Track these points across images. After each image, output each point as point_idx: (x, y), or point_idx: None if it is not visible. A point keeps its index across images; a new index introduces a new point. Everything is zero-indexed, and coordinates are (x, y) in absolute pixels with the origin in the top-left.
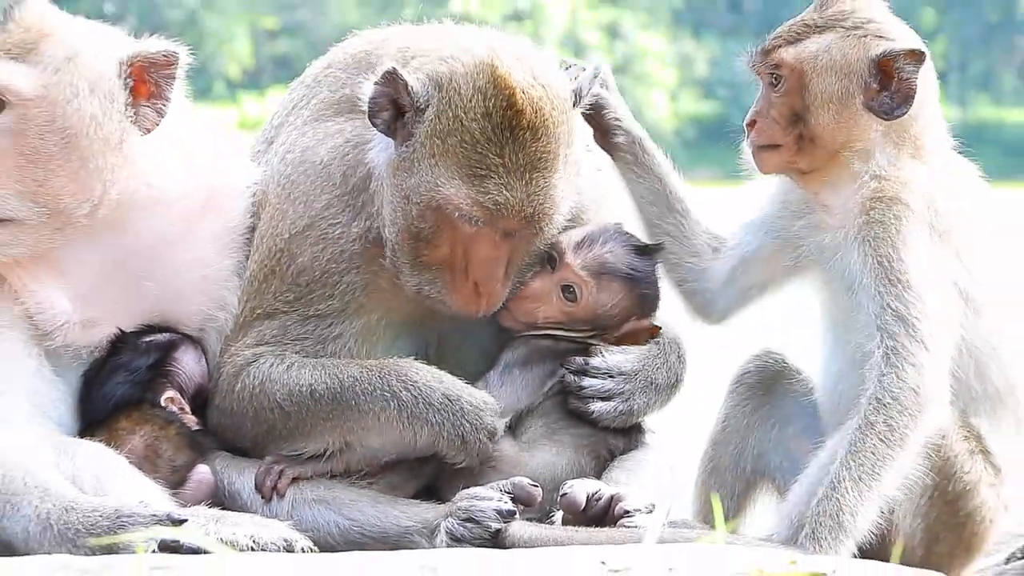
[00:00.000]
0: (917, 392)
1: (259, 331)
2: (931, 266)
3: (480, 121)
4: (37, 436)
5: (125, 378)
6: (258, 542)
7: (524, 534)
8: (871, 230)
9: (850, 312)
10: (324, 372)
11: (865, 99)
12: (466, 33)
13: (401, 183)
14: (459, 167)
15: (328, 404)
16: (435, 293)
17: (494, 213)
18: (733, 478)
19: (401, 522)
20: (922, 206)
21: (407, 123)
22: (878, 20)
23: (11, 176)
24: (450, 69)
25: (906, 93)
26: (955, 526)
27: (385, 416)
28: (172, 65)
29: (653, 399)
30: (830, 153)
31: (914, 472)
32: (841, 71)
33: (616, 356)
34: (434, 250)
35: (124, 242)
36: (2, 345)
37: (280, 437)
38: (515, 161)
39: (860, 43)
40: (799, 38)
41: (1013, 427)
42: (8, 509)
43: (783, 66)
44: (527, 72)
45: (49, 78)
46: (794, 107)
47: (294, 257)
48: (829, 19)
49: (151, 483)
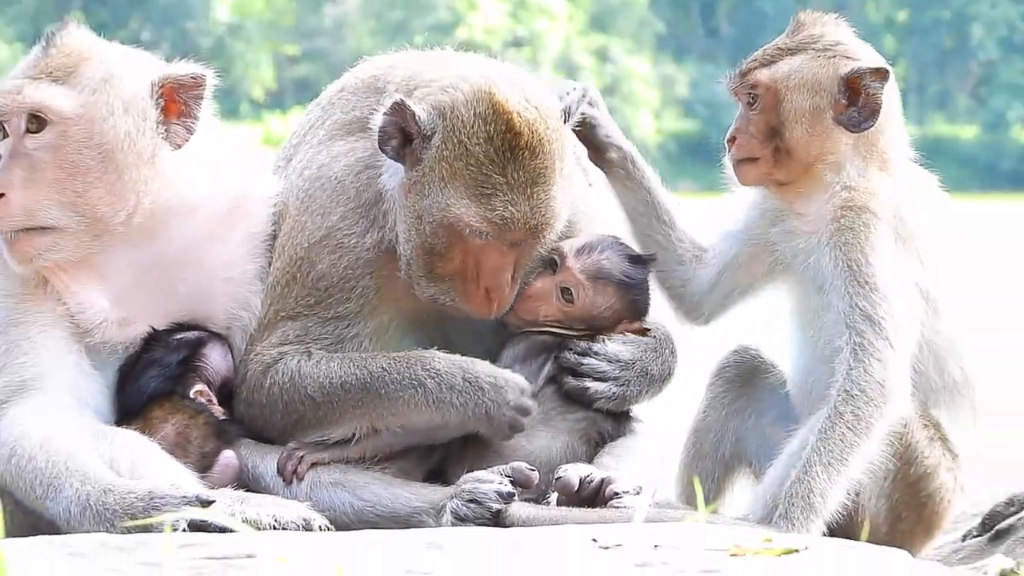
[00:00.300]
0: (882, 385)
1: (283, 332)
2: (896, 269)
3: (483, 144)
4: (78, 425)
5: (158, 372)
6: (279, 521)
7: (522, 514)
8: (842, 236)
9: (820, 311)
10: (352, 366)
11: (835, 113)
12: (463, 62)
13: (413, 204)
14: (467, 187)
15: (358, 395)
16: (450, 300)
17: (502, 227)
18: (713, 463)
19: (410, 503)
20: (888, 214)
21: (415, 149)
22: (845, 43)
23: (52, 188)
24: (452, 98)
25: (872, 108)
26: (916, 506)
27: (414, 403)
28: (200, 86)
29: (646, 388)
30: (805, 165)
31: (879, 457)
32: (812, 88)
33: (616, 345)
34: (447, 263)
35: (157, 247)
36: (46, 342)
37: (309, 426)
38: (517, 178)
39: (830, 63)
40: (773, 60)
41: (970, 417)
42: (52, 491)
43: (759, 86)
44: (521, 96)
45: (87, 98)
46: (770, 123)
47: (313, 264)
48: (800, 43)
49: (181, 468)
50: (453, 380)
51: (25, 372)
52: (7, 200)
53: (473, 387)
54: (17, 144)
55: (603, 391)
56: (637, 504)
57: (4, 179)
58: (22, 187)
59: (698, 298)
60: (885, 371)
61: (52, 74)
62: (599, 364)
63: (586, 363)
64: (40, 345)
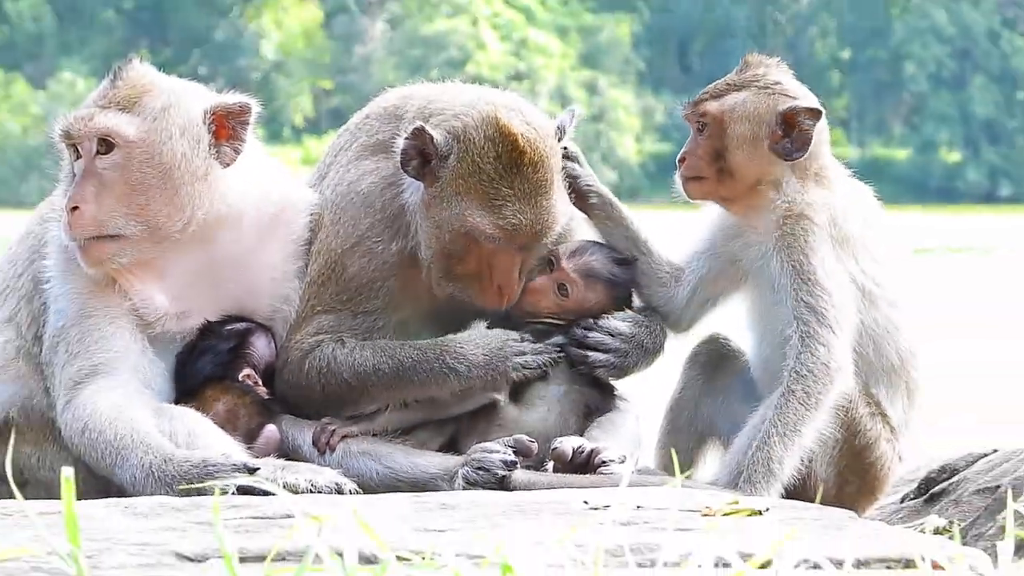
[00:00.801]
0: (827, 365)
1: (319, 323)
2: (833, 267)
3: (492, 162)
4: (142, 403)
5: (211, 358)
6: (315, 485)
7: (524, 479)
8: (785, 241)
9: (772, 307)
10: (384, 354)
11: (771, 143)
12: (469, 92)
13: (434, 216)
14: (480, 200)
15: (391, 379)
16: (465, 296)
17: (511, 233)
18: (687, 436)
19: (427, 470)
20: (824, 221)
21: (433, 168)
22: (784, 83)
23: (119, 201)
24: (463, 123)
25: (804, 141)
26: (860, 472)
27: (447, 386)
28: (246, 113)
29: (642, 359)
30: (747, 185)
31: (827, 429)
32: (753, 120)
33: (617, 321)
34: (464, 264)
35: (210, 251)
36: (114, 332)
37: (343, 404)
38: (523, 190)
39: (770, 99)
40: (722, 94)
41: (906, 394)
42: (119, 460)
43: (708, 115)
44: (521, 120)
45: (149, 125)
46: (716, 147)
47: (345, 268)
48: (746, 80)
49: (231, 440)
50: (475, 358)
51: (97, 358)
52: (81, 212)
53: (489, 358)
54: (89, 164)
55: (603, 360)
56: (622, 471)
57: (78, 194)
58: (93, 201)
59: (679, 312)
60: (829, 354)
61: (119, 103)
62: (603, 337)
63: (591, 336)
64: (109, 335)
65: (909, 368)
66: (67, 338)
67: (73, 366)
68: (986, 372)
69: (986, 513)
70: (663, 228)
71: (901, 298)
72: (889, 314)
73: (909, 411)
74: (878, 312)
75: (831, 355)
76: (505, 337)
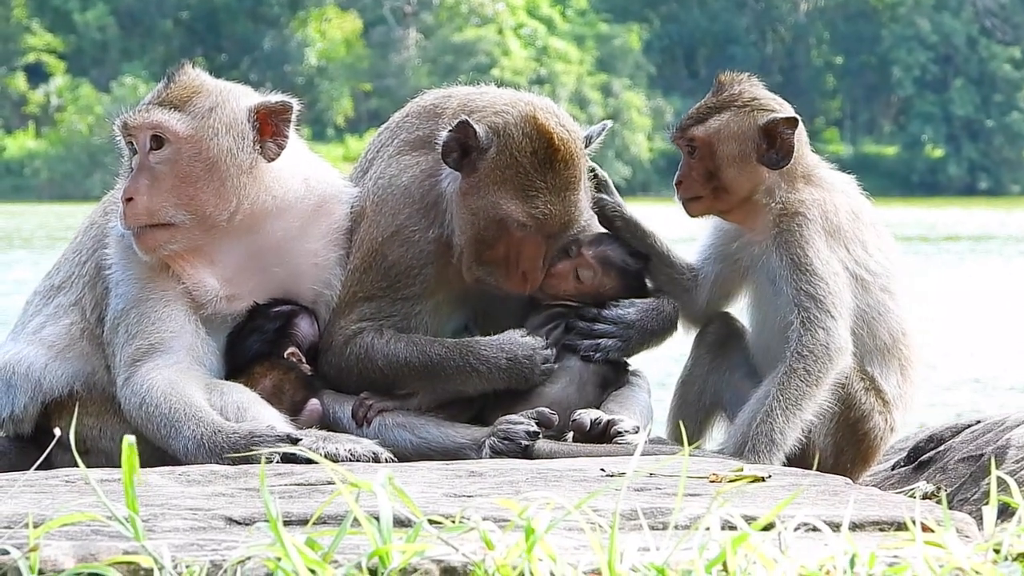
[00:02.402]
0: (827, 347)
1: (360, 310)
2: (828, 257)
3: (529, 157)
4: (194, 379)
5: (259, 338)
6: (353, 454)
7: (546, 448)
8: (782, 238)
9: (773, 297)
10: (416, 349)
11: (758, 156)
12: (508, 94)
13: (470, 204)
14: (515, 190)
15: (419, 372)
16: (492, 280)
17: (542, 222)
18: (696, 410)
19: (457, 440)
20: (817, 215)
21: (473, 160)
22: (760, 97)
23: (171, 193)
24: (503, 120)
25: (787, 149)
26: (855, 442)
27: (470, 383)
28: (288, 111)
29: (647, 341)
30: (741, 196)
31: (825, 404)
32: (738, 138)
33: (622, 310)
34: (494, 251)
35: (257, 239)
36: (169, 314)
37: (378, 388)
38: (555, 184)
39: (750, 116)
40: (705, 118)
41: (899, 370)
42: (173, 432)
43: (696, 140)
44: (556, 121)
45: (198, 123)
46: (708, 168)
47: (385, 256)
48: (724, 101)
49: (276, 413)
50: (498, 362)
51: (152, 338)
52: (135, 203)
53: (513, 363)
54: (143, 159)
55: (610, 346)
56: (636, 441)
57: (132, 186)
58: (146, 193)
59: (697, 312)
60: (829, 336)
61: (171, 103)
62: (607, 328)
63: (597, 327)
64: (164, 316)
65: (901, 347)
66: (126, 320)
67: (132, 345)
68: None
69: (971, 480)
70: (672, 221)
71: (894, 282)
72: (881, 298)
73: (903, 386)
74: (870, 297)
75: (830, 338)
76: (534, 346)
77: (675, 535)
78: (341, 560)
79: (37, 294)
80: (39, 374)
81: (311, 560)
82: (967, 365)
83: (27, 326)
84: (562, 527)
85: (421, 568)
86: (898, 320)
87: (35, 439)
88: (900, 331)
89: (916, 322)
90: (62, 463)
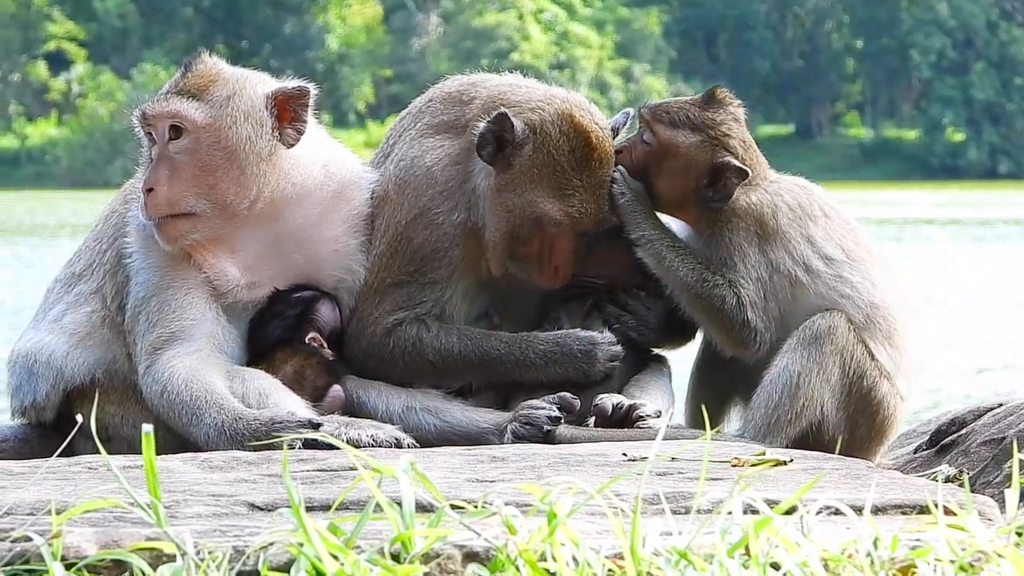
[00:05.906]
0: (831, 328)
1: (392, 299)
2: (757, 261)
3: (567, 155)
4: (216, 366)
5: (280, 323)
6: (375, 440)
7: (567, 433)
8: (714, 239)
9: None
10: (471, 343)
11: (696, 187)
12: (541, 88)
13: (505, 201)
14: (552, 189)
15: (476, 366)
16: (523, 274)
17: (577, 220)
18: (713, 394)
19: (480, 425)
20: (751, 222)
21: (508, 155)
22: (733, 137)
23: (190, 182)
24: (540, 117)
25: (725, 194)
26: (868, 414)
27: (529, 376)
28: (305, 97)
29: (663, 340)
30: (665, 207)
31: (834, 378)
32: (688, 162)
33: (651, 299)
34: (527, 247)
35: (277, 227)
36: (190, 302)
37: (426, 381)
38: (591, 182)
39: (711, 150)
40: (678, 125)
41: (885, 342)
42: (195, 419)
43: (656, 136)
44: (591, 119)
45: (216, 111)
46: (647, 163)
47: (411, 239)
48: (704, 122)
49: (298, 399)
50: (555, 357)
51: (174, 325)
52: (155, 193)
53: (571, 359)
54: (162, 149)
55: (632, 324)
56: (658, 425)
57: (152, 177)
58: (166, 183)
59: None
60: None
61: (188, 92)
62: (639, 306)
63: (632, 303)
64: (186, 304)
65: (879, 319)
66: (147, 308)
67: (153, 333)
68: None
69: (993, 463)
70: None
71: (858, 264)
72: (838, 283)
73: (895, 355)
74: (822, 284)
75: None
76: (595, 340)
77: (697, 519)
78: (363, 545)
79: (58, 282)
80: (61, 362)
81: (333, 545)
82: (999, 350)
83: (48, 314)
84: (584, 512)
85: (444, 553)
86: (868, 296)
87: (57, 426)
88: (871, 305)
89: (895, 294)
90: (84, 450)
